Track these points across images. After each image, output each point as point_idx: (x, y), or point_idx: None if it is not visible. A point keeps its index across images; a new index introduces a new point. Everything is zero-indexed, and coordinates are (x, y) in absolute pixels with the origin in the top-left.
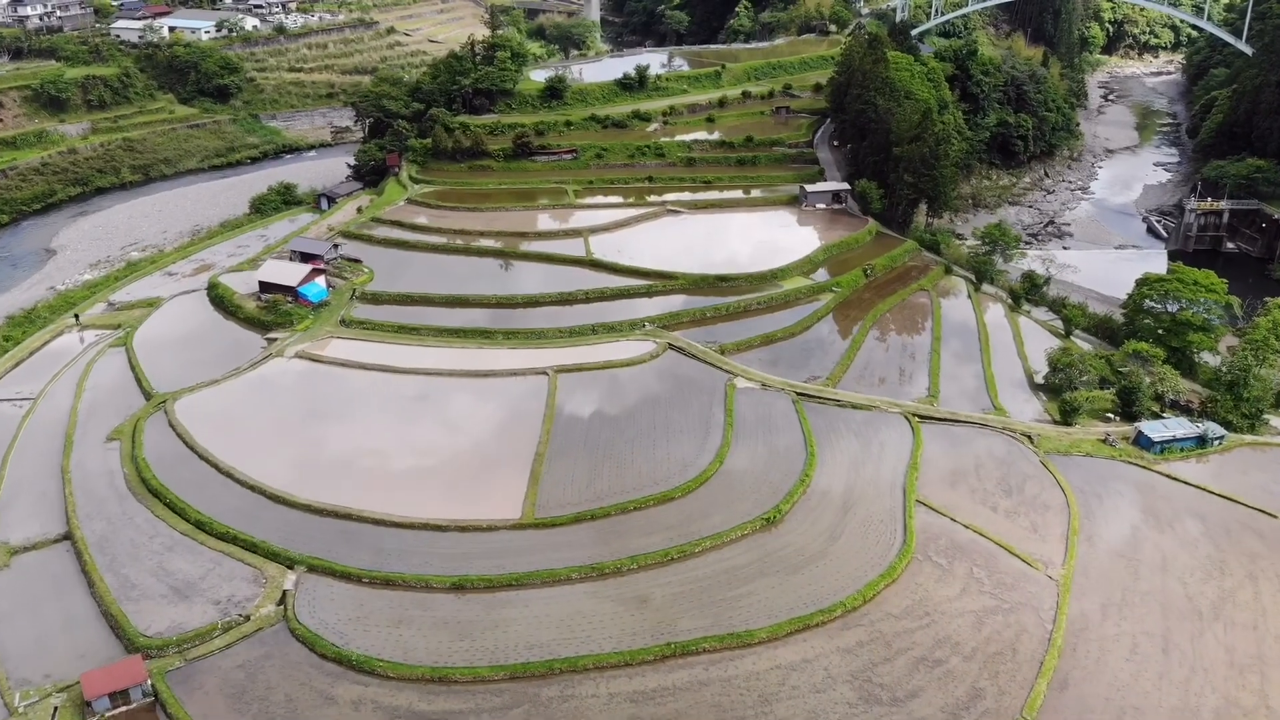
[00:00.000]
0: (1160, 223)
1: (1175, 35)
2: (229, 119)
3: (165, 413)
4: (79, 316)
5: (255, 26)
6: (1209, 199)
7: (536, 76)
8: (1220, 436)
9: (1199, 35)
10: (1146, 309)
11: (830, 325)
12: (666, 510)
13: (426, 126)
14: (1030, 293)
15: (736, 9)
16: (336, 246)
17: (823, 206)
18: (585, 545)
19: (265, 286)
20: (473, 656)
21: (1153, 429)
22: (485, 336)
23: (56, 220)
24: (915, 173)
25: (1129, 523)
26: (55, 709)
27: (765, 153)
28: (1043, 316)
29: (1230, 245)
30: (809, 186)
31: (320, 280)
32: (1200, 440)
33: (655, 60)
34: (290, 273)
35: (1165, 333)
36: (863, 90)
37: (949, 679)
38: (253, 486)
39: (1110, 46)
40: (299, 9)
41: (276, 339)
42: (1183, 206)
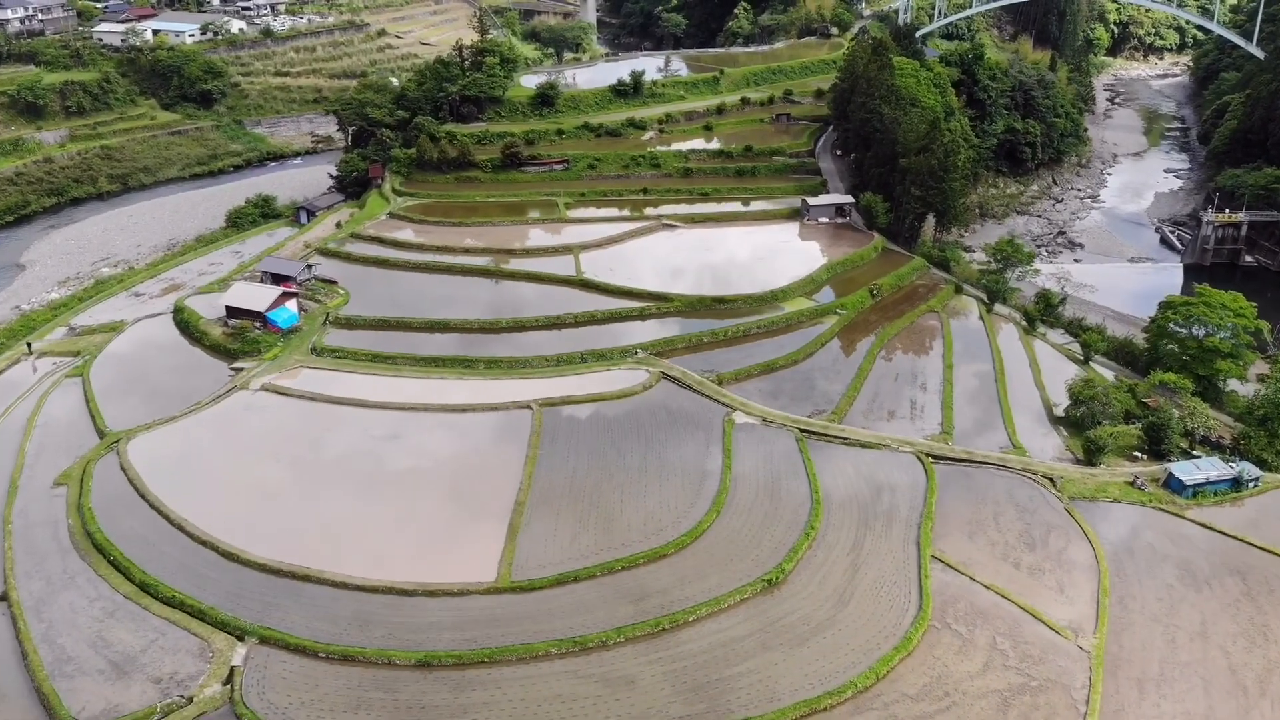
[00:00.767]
0: (1175, 233)
1: (1180, 37)
2: (212, 125)
3: (117, 454)
4: (31, 345)
5: (242, 29)
6: (1226, 210)
7: (528, 82)
8: (1256, 478)
9: (1206, 37)
10: (1170, 332)
11: (835, 351)
12: (658, 570)
13: (411, 135)
14: (1046, 313)
15: (735, 10)
16: (310, 266)
17: (825, 220)
18: (567, 613)
19: (232, 311)
20: None
21: (1184, 470)
22: (466, 366)
23: (29, 233)
24: (923, 185)
25: (1164, 581)
26: None
27: (765, 163)
28: (1059, 339)
29: (1249, 259)
30: (811, 199)
31: (291, 304)
32: (1235, 483)
33: (651, 65)
34: (259, 296)
35: (1191, 359)
36: (867, 98)
37: None
38: (204, 541)
39: (1115, 48)
40: (288, 11)
41: (242, 369)
42: (1198, 217)
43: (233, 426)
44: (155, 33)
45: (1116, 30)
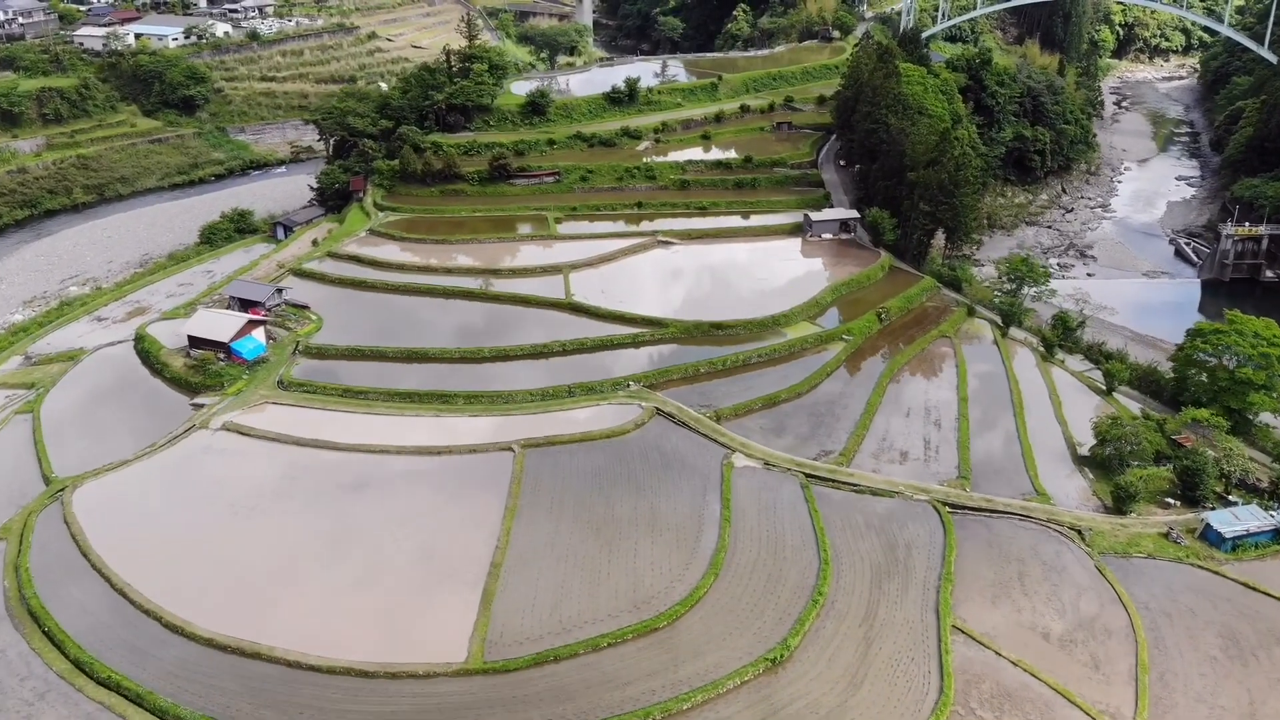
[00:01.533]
0: (1190, 245)
1: (1186, 38)
2: (194, 133)
3: (62, 505)
4: None
5: (227, 33)
6: (1246, 224)
7: (518, 90)
8: None
9: (1213, 39)
10: (1199, 361)
11: (841, 382)
12: (648, 646)
13: (395, 146)
14: (1064, 337)
15: (734, 13)
16: (280, 291)
17: (829, 236)
18: (545, 701)
19: (194, 341)
20: None
21: (1222, 521)
22: (444, 401)
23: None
24: (932, 200)
25: (1206, 653)
26: None
27: (766, 174)
28: (1078, 365)
29: (1270, 274)
30: (814, 215)
31: (258, 332)
32: (1277, 534)
33: (648, 70)
34: (223, 325)
35: (1221, 391)
36: (873, 107)
37: None
38: (148, 611)
39: (1120, 50)
40: (276, 14)
41: (203, 406)
42: (1215, 229)
43: (188, 473)
44: (137, 36)
45: (1121, 32)
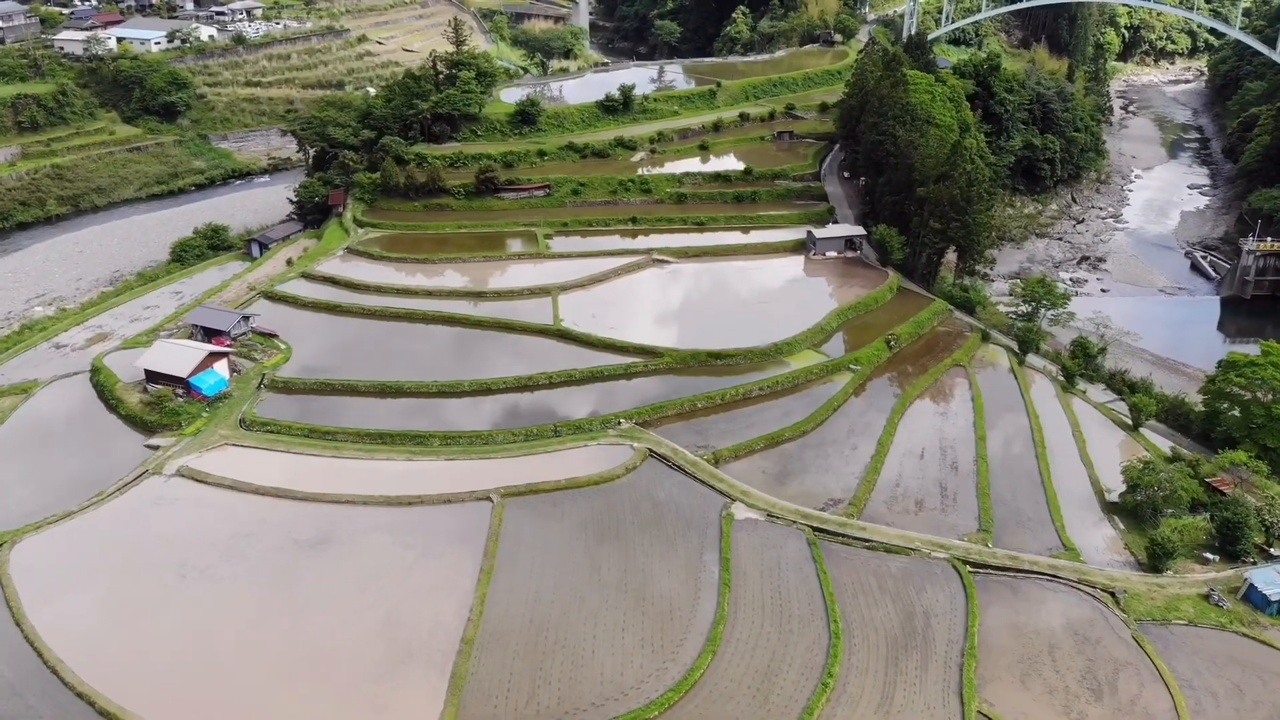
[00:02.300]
0: (1206, 259)
1: (1192, 40)
2: (174, 140)
3: None
4: None
5: (212, 36)
6: (1268, 238)
7: (508, 98)
8: None
9: (1219, 41)
10: (1231, 395)
11: (849, 419)
12: None
13: (377, 158)
14: (1085, 365)
15: (733, 16)
16: (247, 318)
17: (834, 254)
18: None
19: (151, 376)
20: None
21: (1266, 581)
22: (417, 442)
23: None
24: (943, 217)
25: None
26: None
27: (766, 187)
28: (1100, 396)
29: None
30: (818, 232)
31: (221, 365)
32: None
33: (643, 76)
34: (181, 359)
35: (1257, 429)
36: (879, 118)
37: None
38: (81, 694)
39: (1125, 53)
40: (264, 16)
41: (158, 448)
42: (1235, 243)
43: (136, 527)
44: (119, 40)
45: (1127, 34)
